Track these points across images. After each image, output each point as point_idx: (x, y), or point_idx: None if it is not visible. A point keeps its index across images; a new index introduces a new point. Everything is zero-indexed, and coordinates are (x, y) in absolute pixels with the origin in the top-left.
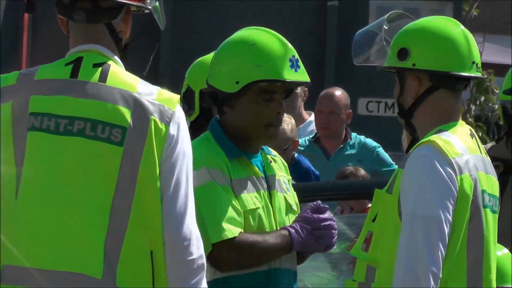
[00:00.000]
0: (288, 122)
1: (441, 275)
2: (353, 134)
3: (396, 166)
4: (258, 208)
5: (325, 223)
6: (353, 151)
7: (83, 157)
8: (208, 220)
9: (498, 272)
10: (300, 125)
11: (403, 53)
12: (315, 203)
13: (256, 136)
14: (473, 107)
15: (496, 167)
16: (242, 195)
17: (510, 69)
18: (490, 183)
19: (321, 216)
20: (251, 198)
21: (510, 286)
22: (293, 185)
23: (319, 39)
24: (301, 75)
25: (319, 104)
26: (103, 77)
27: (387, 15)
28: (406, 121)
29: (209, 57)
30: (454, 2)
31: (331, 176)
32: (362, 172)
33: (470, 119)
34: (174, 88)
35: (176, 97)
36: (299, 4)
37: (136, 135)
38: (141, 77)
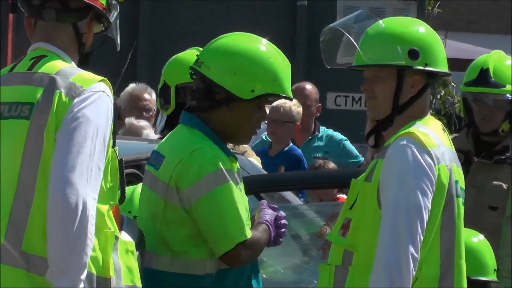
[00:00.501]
0: (297, 105)
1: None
2: (322, 128)
3: (362, 158)
4: (247, 201)
5: (284, 221)
6: (321, 143)
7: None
8: (232, 221)
9: (476, 263)
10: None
11: (414, 53)
12: (263, 201)
13: (242, 137)
14: (434, 101)
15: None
16: (241, 192)
17: (472, 63)
18: (460, 175)
19: (281, 214)
20: (243, 193)
21: (493, 279)
22: (268, 175)
23: (289, 37)
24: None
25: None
26: (32, 67)
27: (356, 14)
28: (391, 116)
29: (184, 54)
30: (418, 2)
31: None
32: (331, 165)
33: (432, 112)
34: (153, 84)
35: (97, 78)
36: (270, 4)
37: (42, 109)
38: (120, 73)
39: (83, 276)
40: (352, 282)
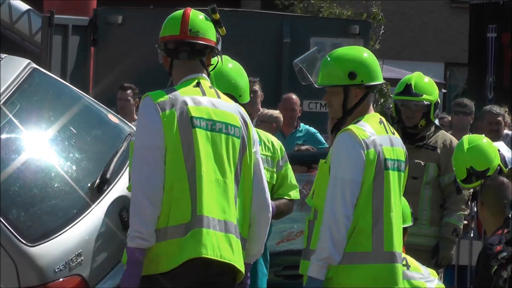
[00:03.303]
0: (277, 113)
1: (353, 217)
2: (302, 124)
3: (327, 145)
4: None
5: None
6: (301, 134)
7: (225, 145)
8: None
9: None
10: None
11: (352, 75)
12: None
13: None
14: (375, 106)
15: None
16: None
17: (400, 80)
18: (395, 152)
19: None
20: None
21: (410, 224)
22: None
23: (277, 63)
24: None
25: (283, 103)
26: (218, 95)
27: (315, 49)
28: (343, 117)
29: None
30: (364, 39)
31: (286, 150)
32: (304, 147)
33: None
34: None
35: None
36: (264, 40)
37: (244, 132)
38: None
39: None
40: (316, 233)
